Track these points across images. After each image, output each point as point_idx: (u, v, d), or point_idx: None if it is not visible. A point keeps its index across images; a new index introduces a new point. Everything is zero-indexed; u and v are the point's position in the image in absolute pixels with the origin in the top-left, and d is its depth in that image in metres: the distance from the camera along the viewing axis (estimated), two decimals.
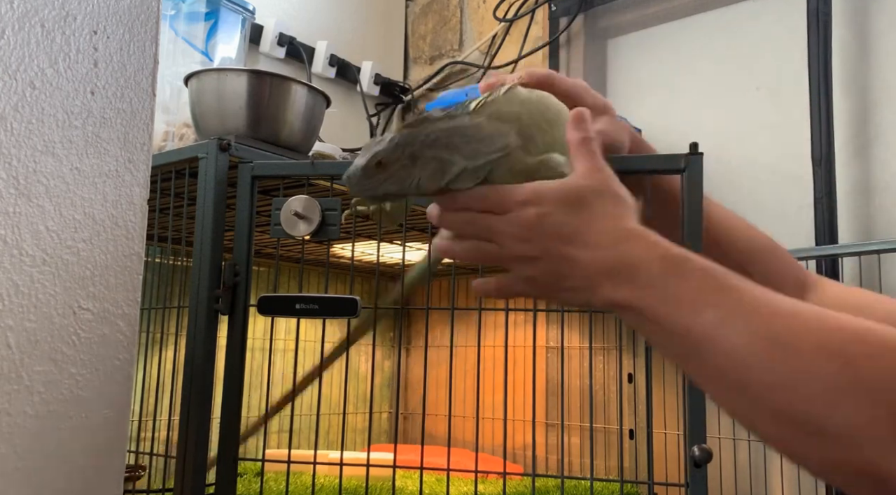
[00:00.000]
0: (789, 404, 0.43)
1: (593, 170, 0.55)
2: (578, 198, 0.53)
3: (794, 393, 0.43)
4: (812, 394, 0.42)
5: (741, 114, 1.74)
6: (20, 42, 0.63)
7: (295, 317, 0.86)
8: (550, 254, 0.53)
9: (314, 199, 0.87)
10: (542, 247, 0.53)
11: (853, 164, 1.56)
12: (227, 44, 1.20)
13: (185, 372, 0.90)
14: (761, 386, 0.44)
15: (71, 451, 0.66)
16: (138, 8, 0.72)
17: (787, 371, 0.43)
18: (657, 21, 1.91)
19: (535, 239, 0.53)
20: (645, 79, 1.91)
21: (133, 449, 1.04)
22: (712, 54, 1.80)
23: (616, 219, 0.53)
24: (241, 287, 0.90)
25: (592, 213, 0.53)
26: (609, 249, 0.51)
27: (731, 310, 0.47)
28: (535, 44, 1.95)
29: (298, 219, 0.87)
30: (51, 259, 0.65)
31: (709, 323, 0.47)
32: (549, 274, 0.54)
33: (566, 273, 0.53)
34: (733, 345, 0.45)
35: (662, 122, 1.84)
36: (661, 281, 0.49)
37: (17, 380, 0.62)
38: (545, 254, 0.53)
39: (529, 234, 0.53)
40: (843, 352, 0.42)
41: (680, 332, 0.48)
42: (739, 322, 0.46)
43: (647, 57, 1.92)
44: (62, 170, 0.65)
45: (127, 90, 0.71)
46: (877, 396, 0.40)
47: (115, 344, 0.69)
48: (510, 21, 1.99)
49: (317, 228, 0.86)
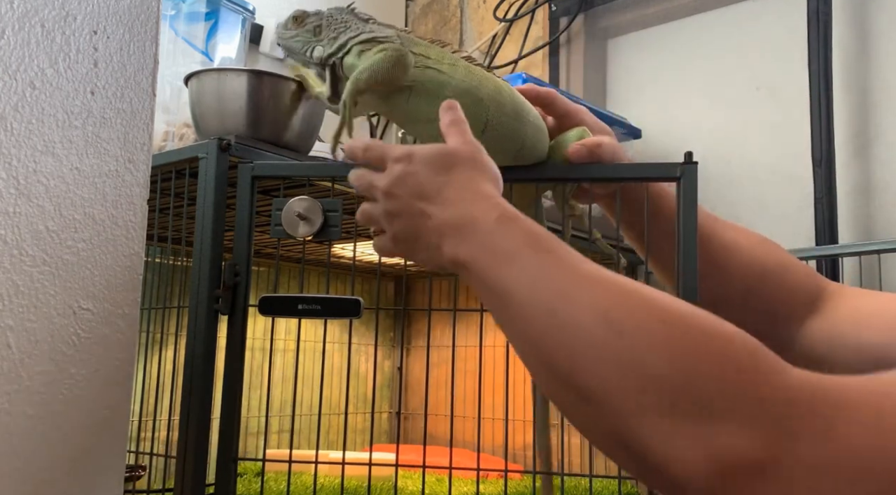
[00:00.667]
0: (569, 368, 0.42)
1: (465, 142, 0.59)
2: (445, 161, 0.57)
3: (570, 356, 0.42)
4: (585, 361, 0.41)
5: (741, 114, 1.74)
6: (20, 42, 0.63)
7: (297, 318, 0.86)
8: (410, 210, 0.56)
9: (316, 200, 0.87)
10: (404, 203, 0.57)
11: (853, 164, 1.56)
12: (228, 44, 1.20)
13: (185, 373, 0.90)
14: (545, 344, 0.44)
15: (71, 451, 0.66)
16: (138, 8, 0.72)
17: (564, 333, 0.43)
18: (657, 21, 1.91)
19: (400, 195, 0.57)
20: (645, 79, 1.91)
21: (133, 449, 1.04)
22: (712, 54, 1.80)
23: (472, 182, 0.56)
24: (241, 287, 0.90)
25: (453, 176, 0.56)
26: (458, 207, 0.54)
27: (535, 268, 0.47)
28: (535, 44, 1.95)
29: (300, 220, 0.87)
30: (51, 259, 0.65)
31: (513, 277, 0.48)
32: (408, 231, 0.57)
33: (421, 230, 0.56)
34: (525, 300, 0.46)
35: (662, 121, 1.84)
36: (489, 237, 0.51)
37: (17, 380, 0.62)
38: (406, 209, 0.57)
39: (395, 190, 0.57)
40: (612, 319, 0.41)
41: (492, 286, 0.49)
42: (540, 282, 0.46)
43: (647, 57, 1.91)
44: (62, 170, 0.65)
45: (127, 90, 0.71)
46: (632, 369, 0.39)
47: (116, 344, 0.69)
48: (510, 21, 1.99)
49: (318, 229, 0.86)
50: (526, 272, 0.47)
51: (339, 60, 0.80)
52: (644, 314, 0.41)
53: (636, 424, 0.38)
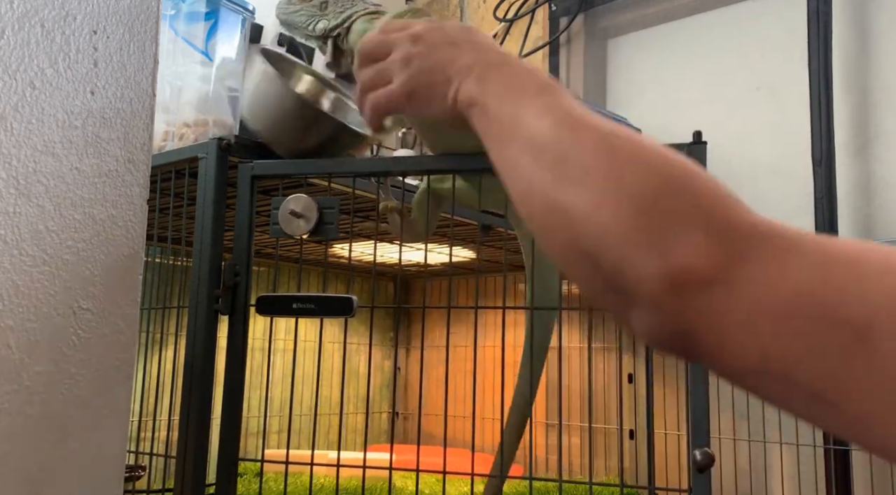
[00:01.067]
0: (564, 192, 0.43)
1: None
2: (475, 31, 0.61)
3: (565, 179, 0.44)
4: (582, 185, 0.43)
5: (741, 113, 1.74)
6: (20, 42, 0.63)
7: (293, 317, 0.87)
8: (437, 50, 0.59)
9: (311, 198, 0.87)
10: (431, 44, 0.60)
11: (853, 164, 1.56)
12: (228, 43, 1.20)
13: (185, 373, 0.90)
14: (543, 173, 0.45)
15: (71, 451, 0.66)
16: (138, 8, 0.72)
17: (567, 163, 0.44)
18: (657, 21, 1.91)
19: (429, 38, 0.60)
20: (645, 79, 1.91)
21: (133, 449, 1.04)
22: (712, 54, 1.80)
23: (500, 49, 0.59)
24: (242, 287, 0.90)
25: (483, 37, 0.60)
26: (485, 53, 0.57)
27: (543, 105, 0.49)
28: (535, 44, 1.95)
29: (296, 218, 0.87)
30: (51, 259, 0.64)
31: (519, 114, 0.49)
32: (428, 70, 0.59)
33: (443, 65, 0.58)
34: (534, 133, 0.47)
35: (662, 121, 1.84)
36: (506, 79, 0.53)
37: (17, 380, 0.62)
38: (432, 49, 0.59)
39: (426, 34, 0.61)
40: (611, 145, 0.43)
41: (499, 119, 0.51)
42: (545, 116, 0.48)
43: (647, 57, 1.91)
44: (62, 170, 0.65)
45: (127, 90, 0.71)
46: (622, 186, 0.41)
47: (115, 344, 0.69)
48: (510, 21, 1.99)
49: (314, 227, 0.87)
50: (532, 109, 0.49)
51: (344, 30, 0.82)
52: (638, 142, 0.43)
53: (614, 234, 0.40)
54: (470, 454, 0.88)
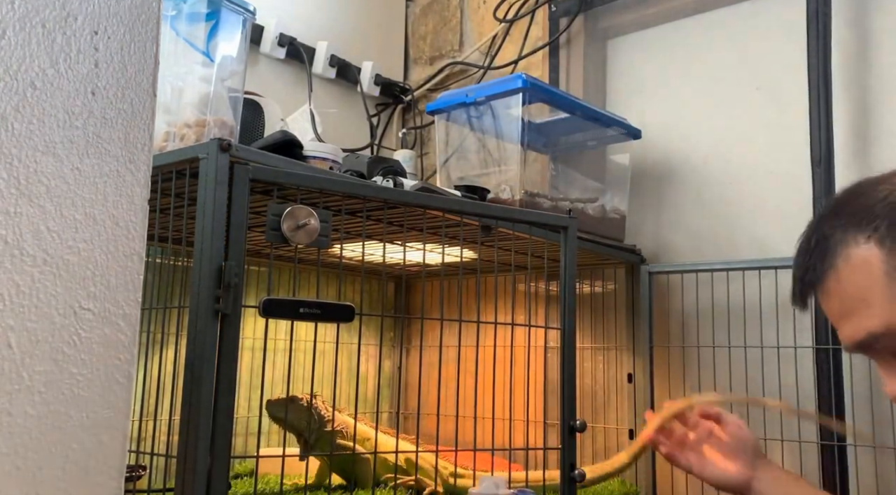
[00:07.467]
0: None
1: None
2: None
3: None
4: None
5: (741, 114, 1.74)
6: (21, 42, 0.63)
7: (297, 320, 0.87)
8: None
9: (311, 210, 0.89)
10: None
11: (853, 164, 1.56)
12: (228, 44, 1.20)
13: (186, 373, 0.90)
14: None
15: (71, 451, 0.66)
16: (139, 8, 0.72)
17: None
18: (657, 21, 1.91)
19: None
20: (645, 79, 1.91)
21: (133, 449, 1.04)
22: (712, 54, 1.80)
23: None
24: (238, 288, 0.90)
25: None
26: None
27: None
28: (535, 44, 1.95)
29: (296, 229, 0.88)
30: (52, 259, 0.65)
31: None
32: None
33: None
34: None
35: (662, 121, 1.84)
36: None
37: (18, 380, 0.62)
38: None
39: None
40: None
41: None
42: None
43: (647, 57, 1.92)
44: (63, 170, 0.66)
45: (128, 90, 0.71)
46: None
47: (116, 344, 0.69)
48: (510, 21, 1.99)
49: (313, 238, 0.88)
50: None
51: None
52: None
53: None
54: (468, 453, 0.89)
